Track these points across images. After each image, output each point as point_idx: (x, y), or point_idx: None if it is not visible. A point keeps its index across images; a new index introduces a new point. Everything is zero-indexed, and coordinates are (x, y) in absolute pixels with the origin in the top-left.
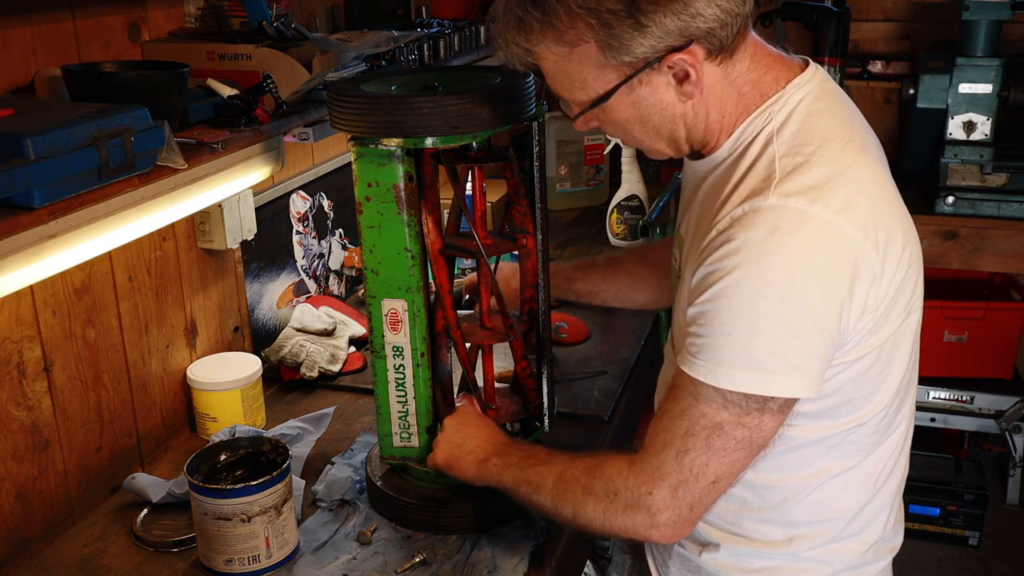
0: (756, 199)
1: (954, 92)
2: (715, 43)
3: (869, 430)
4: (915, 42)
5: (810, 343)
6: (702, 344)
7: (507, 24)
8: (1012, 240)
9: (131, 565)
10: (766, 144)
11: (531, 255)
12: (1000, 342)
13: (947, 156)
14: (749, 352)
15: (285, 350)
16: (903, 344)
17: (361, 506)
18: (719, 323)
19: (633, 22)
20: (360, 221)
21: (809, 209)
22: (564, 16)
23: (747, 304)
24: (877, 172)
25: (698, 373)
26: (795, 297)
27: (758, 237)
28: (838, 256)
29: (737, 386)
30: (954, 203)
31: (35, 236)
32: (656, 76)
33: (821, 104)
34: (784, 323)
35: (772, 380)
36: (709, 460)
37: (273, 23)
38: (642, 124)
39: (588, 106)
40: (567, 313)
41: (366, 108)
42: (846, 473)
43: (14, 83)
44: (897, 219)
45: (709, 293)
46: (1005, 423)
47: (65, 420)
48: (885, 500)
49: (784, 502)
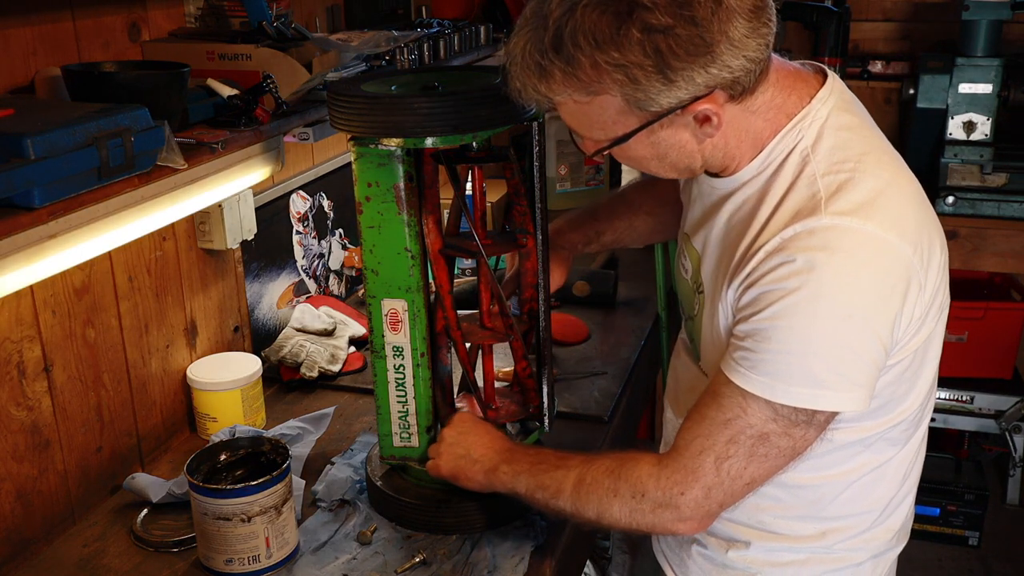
0: (808, 220)
1: (954, 92)
2: (738, 89)
3: (904, 426)
4: (915, 42)
5: (866, 358)
6: (758, 360)
7: (526, 68)
8: (1012, 240)
9: (131, 565)
10: (803, 162)
11: (531, 255)
12: (1000, 342)
13: (947, 156)
14: (807, 369)
15: (285, 350)
16: (935, 341)
17: (361, 506)
18: (778, 341)
19: (662, 78)
20: (360, 221)
21: (864, 227)
22: (589, 69)
23: (807, 324)
24: (912, 180)
25: (753, 387)
26: (855, 316)
27: (818, 258)
28: (894, 273)
29: (793, 400)
30: (954, 203)
31: (35, 236)
32: (679, 120)
33: (847, 116)
34: (843, 341)
35: (827, 395)
36: (748, 465)
37: (273, 23)
38: (659, 160)
39: (605, 146)
40: (567, 313)
41: (366, 108)
42: (880, 468)
43: (14, 83)
44: (934, 225)
45: (768, 312)
46: (1005, 423)
47: (65, 420)
48: (910, 488)
49: (819, 499)
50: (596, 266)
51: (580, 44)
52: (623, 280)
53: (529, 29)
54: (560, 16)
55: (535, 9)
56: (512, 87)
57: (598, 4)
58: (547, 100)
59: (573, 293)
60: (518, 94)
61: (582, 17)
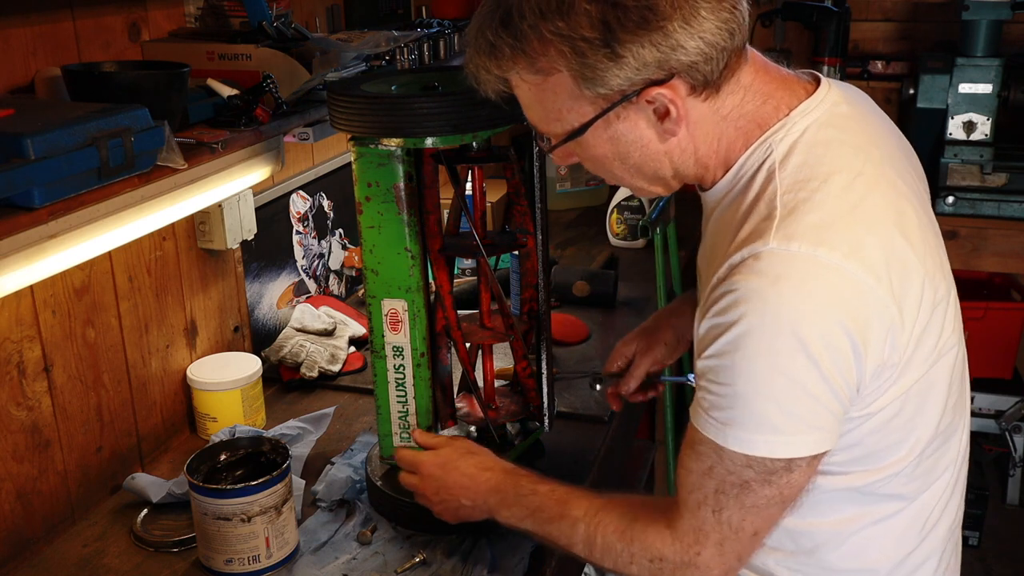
0: (756, 244)
1: (954, 92)
2: (698, 78)
3: (904, 479)
4: (915, 42)
5: (821, 400)
6: (712, 401)
7: (478, 49)
8: (1012, 240)
9: (131, 565)
10: (768, 179)
11: (531, 255)
12: (1000, 342)
13: (947, 156)
14: (759, 413)
15: (285, 350)
16: (937, 388)
17: (361, 506)
18: (726, 380)
19: (608, 51)
20: (360, 221)
21: (814, 254)
22: (536, 43)
23: (753, 361)
24: (890, 206)
25: (710, 433)
26: (804, 352)
27: (760, 287)
28: (848, 304)
29: (748, 449)
30: (954, 203)
31: (35, 236)
32: (634, 111)
33: (829, 132)
34: (793, 380)
35: (785, 441)
36: (745, 516)
37: (273, 23)
38: (622, 161)
39: (563, 139)
40: (567, 313)
41: (366, 108)
42: (885, 521)
43: (14, 83)
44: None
45: (713, 348)
46: (1005, 423)
47: (65, 420)
48: (933, 547)
49: (816, 548)
50: (596, 266)
51: (526, 15)
52: (623, 280)
53: (484, 12)
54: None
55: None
56: (468, 72)
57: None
58: (501, 81)
59: (573, 293)
60: (474, 80)
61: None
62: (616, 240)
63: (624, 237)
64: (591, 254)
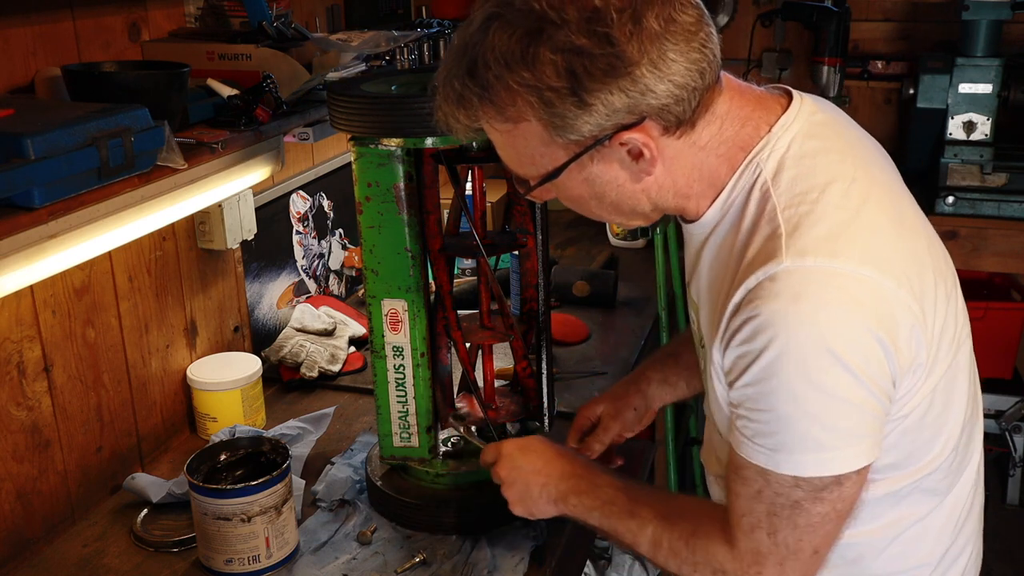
0: (768, 265)
1: (954, 92)
2: (671, 119)
3: (940, 475)
4: (915, 42)
5: (862, 407)
6: (755, 429)
7: (446, 98)
8: (1012, 240)
9: (131, 565)
10: (764, 198)
11: (531, 255)
12: (1000, 342)
13: (947, 156)
14: (804, 433)
15: (285, 350)
16: (960, 378)
17: (361, 506)
18: (766, 406)
19: (576, 100)
20: (360, 221)
21: (829, 265)
22: (503, 93)
23: (790, 384)
24: (889, 207)
25: (758, 460)
26: (839, 364)
27: (783, 309)
28: (872, 309)
29: (799, 471)
30: (954, 203)
31: (35, 236)
32: (608, 154)
33: (813, 143)
34: (831, 394)
35: (832, 458)
36: (801, 536)
37: (273, 23)
38: (599, 200)
39: (539, 182)
40: (567, 313)
41: (366, 108)
42: (922, 521)
43: (14, 83)
44: (922, 252)
45: (747, 378)
46: (1005, 423)
47: (65, 420)
48: (968, 538)
49: (860, 558)
50: (596, 266)
51: (491, 66)
52: (623, 280)
53: (450, 59)
54: (475, 40)
55: (458, 38)
56: (439, 120)
57: (509, 24)
58: (472, 130)
59: (573, 293)
60: (445, 126)
61: (493, 38)
62: (616, 240)
63: (624, 237)
64: (591, 254)
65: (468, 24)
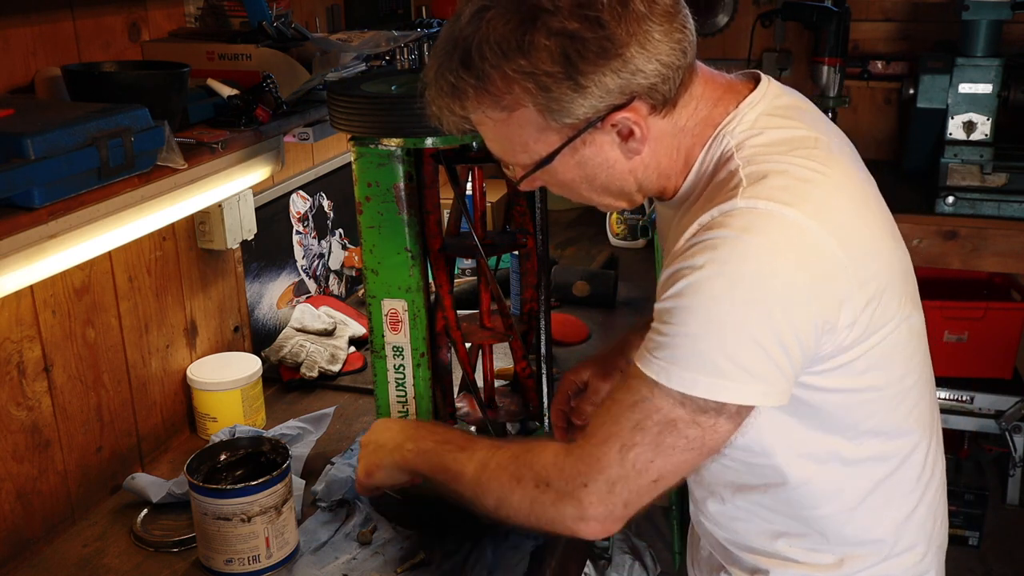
0: (724, 204)
1: (954, 92)
2: (658, 98)
3: (885, 435)
4: (915, 42)
5: (769, 352)
6: (660, 341)
7: (440, 91)
8: (1012, 240)
9: (131, 565)
10: (728, 161)
11: (531, 255)
12: (1000, 342)
13: (947, 156)
14: (705, 355)
15: (285, 350)
16: (900, 348)
17: (361, 506)
18: (679, 322)
19: (572, 84)
20: (360, 221)
21: (782, 211)
22: (500, 81)
23: (709, 304)
24: (852, 175)
25: (651, 371)
26: (759, 302)
27: (728, 236)
28: (810, 262)
29: (688, 388)
30: (954, 203)
31: (35, 236)
32: (600, 135)
33: (778, 120)
34: (744, 328)
35: (725, 386)
36: (655, 457)
37: (273, 23)
38: (589, 183)
39: (531, 169)
40: (567, 313)
41: (366, 108)
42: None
43: (14, 83)
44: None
45: (673, 290)
46: (1005, 423)
47: (65, 420)
48: (930, 504)
49: (825, 529)
50: (596, 266)
51: (487, 56)
52: (623, 280)
53: (441, 52)
54: (467, 32)
55: (446, 33)
56: (431, 114)
57: (502, 14)
58: (466, 122)
59: (573, 293)
60: (437, 120)
61: (487, 28)
62: (616, 240)
63: (624, 237)
64: (591, 254)
65: (456, 19)
